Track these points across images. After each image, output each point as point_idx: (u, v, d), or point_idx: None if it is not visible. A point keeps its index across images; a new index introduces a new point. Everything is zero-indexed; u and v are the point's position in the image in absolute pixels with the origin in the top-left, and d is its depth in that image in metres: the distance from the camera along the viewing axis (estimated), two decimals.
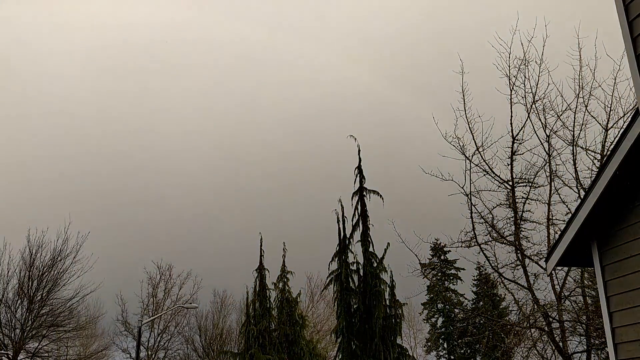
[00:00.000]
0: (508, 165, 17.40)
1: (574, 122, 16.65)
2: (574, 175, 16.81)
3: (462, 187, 17.61)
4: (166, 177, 57.98)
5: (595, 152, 16.58)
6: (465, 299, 42.62)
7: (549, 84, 16.78)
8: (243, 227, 52.05)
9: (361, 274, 21.52)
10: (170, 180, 57.97)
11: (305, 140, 59.24)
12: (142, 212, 53.77)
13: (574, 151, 16.79)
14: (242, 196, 58.16)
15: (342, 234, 21.94)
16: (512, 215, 17.45)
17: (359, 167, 22.15)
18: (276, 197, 57.22)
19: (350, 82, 58.88)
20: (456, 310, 42.75)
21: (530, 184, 17.45)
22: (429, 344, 44.08)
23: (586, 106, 16.56)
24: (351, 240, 21.89)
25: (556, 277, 17.18)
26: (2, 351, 27.41)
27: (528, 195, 17.47)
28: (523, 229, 17.52)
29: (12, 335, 28.03)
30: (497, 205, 17.77)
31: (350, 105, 60.67)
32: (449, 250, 41.69)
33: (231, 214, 57.24)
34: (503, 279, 17.93)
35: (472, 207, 17.55)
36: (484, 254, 17.76)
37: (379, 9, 59.75)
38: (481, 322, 36.62)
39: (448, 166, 17.77)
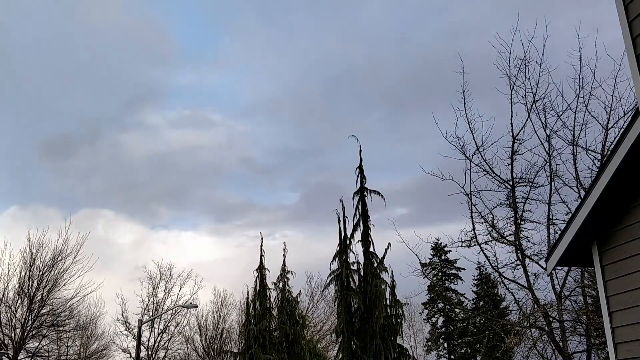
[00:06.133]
0: (508, 165, 17.41)
1: (574, 122, 16.68)
2: (574, 175, 16.82)
3: (462, 187, 17.64)
4: None
5: (595, 152, 16.58)
6: (466, 298, 42.62)
7: (549, 83, 16.79)
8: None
9: (362, 273, 21.50)
10: None
11: None
12: None
13: (574, 151, 16.80)
14: None
15: (342, 233, 21.92)
16: (512, 215, 17.45)
17: (360, 167, 22.14)
18: None
19: None
20: (456, 310, 42.73)
21: (530, 184, 17.45)
22: (429, 343, 44.08)
23: (586, 106, 16.57)
24: (352, 240, 21.87)
25: (556, 277, 17.19)
26: (2, 351, 27.40)
27: (528, 195, 17.48)
28: (523, 229, 17.53)
29: (12, 335, 28.03)
30: (497, 205, 17.79)
31: None
32: (450, 250, 41.74)
33: None
34: (503, 278, 17.94)
35: (472, 207, 17.58)
36: (484, 253, 17.79)
37: None
38: (481, 322, 36.66)
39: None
